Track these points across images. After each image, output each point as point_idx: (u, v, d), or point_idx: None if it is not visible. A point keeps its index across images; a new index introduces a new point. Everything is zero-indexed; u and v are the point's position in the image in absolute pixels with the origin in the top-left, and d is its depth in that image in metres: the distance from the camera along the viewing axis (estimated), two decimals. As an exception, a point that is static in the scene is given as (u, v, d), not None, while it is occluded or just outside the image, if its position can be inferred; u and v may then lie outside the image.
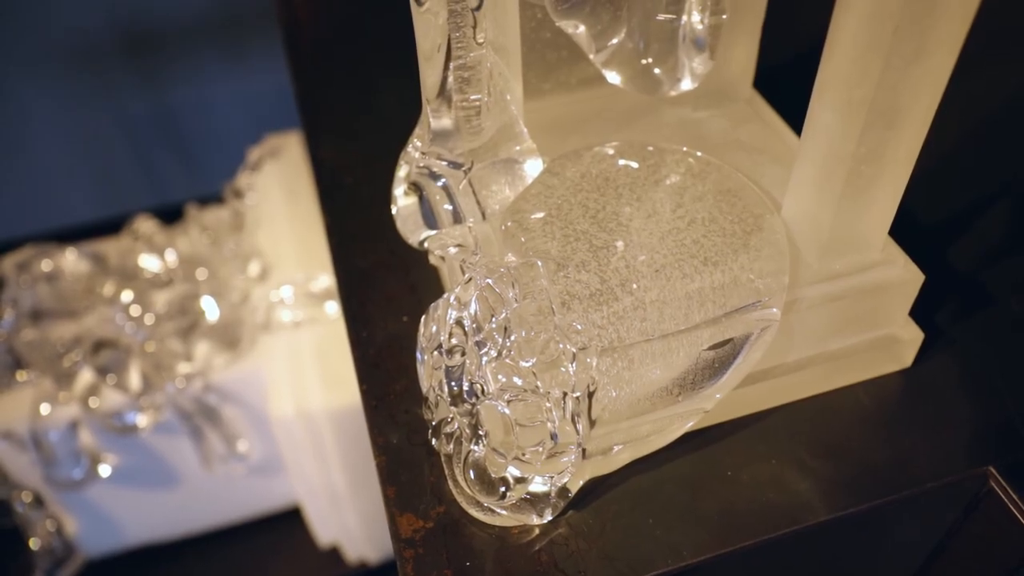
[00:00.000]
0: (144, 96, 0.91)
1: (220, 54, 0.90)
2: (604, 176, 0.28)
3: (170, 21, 0.86)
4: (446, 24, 0.25)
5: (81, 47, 0.85)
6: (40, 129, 0.90)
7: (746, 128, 0.30)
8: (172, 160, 0.98)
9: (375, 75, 0.45)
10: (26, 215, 0.97)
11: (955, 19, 0.19)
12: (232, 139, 0.98)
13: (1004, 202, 0.33)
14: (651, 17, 0.28)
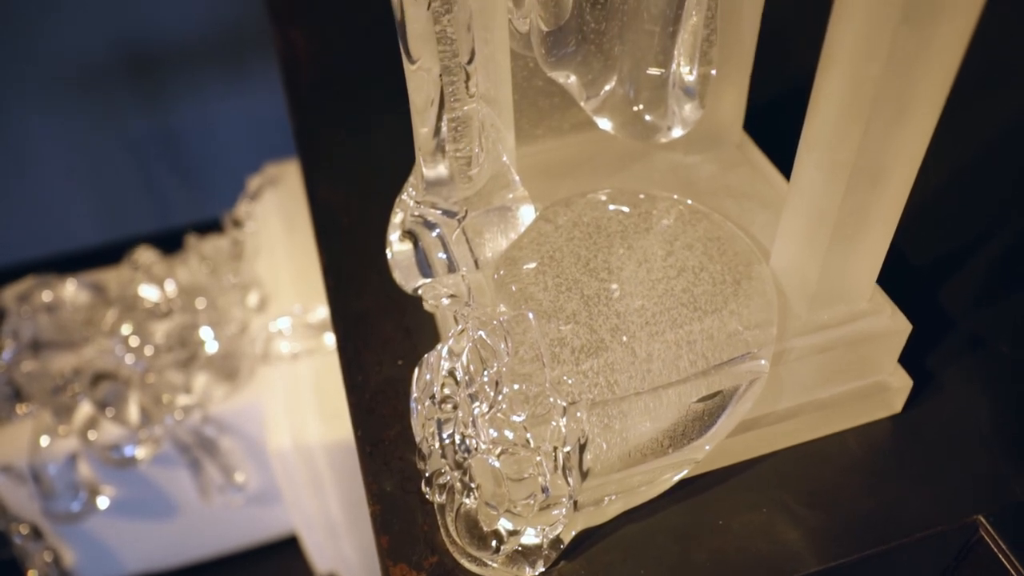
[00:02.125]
0: (146, 118, 0.92)
1: (222, 76, 0.91)
2: (596, 223, 0.29)
3: (172, 43, 0.87)
4: (439, 79, 0.25)
5: (84, 70, 0.86)
6: (42, 151, 0.91)
7: (736, 173, 0.31)
8: (174, 182, 0.99)
9: (373, 114, 0.45)
10: (28, 237, 0.97)
11: (934, 85, 0.19)
12: (234, 160, 0.99)
13: (991, 245, 0.34)
14: (641, 67, 0.28)
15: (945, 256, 0.33)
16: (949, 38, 0.18)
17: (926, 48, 0.18)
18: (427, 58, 0.24)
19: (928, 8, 0.18)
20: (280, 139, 0.91)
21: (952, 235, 0.34)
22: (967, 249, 0.33)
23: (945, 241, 0.34)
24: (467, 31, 0.24)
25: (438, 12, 0.23)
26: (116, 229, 1.01)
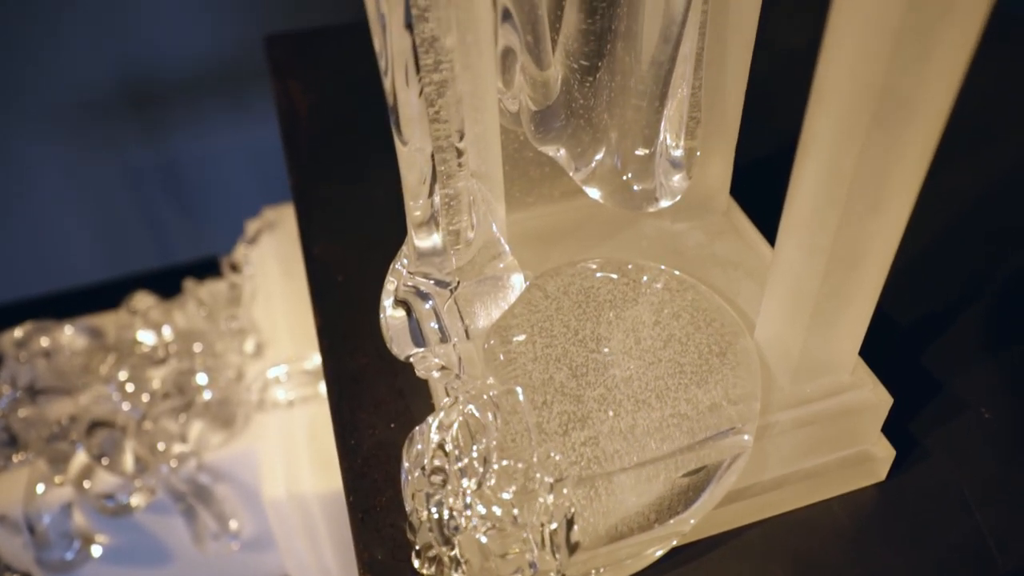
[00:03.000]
0: (147, 150, 0.93)
1: (223, 108, 0.92)
2: (586, 292, 0.29)
3: (173, 76, 0.88)
4: (431, 159, 0.26)
5: (85, 101, 0.87)
6: (43, 183, 0.91)
7: (723, 241, 0.31)
8: (174, 214, 1.00)
9: (371, 167, 0.46)
10: (27, 267, 0.98)
11: (908, 179, 0.20)
12: (235, 193, 1.00)
13: (970, 310, 0.34)
14: (629, 140, 0.29)
15: (925, 322, 0.34)
16: (920, 137, 0.19)
17: (898, 147, 0.19)
18: (419, 139, 0.25)
19: (899, 112, 0.18)
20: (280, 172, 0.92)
21: (931, 300, 0.35)
22: (946, 315, 0.34)
23: (924, 307, 0.35)
24: (458, 113, 0.25)
25: (431, 97, 0.24)
26: (115, 261, 1.01)
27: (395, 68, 0.23)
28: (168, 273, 1.05)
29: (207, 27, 0.87)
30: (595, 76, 0.27)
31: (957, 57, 0.18)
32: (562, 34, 0.27)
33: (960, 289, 0.35)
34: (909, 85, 0.18)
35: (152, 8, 0.84)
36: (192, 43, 0.87)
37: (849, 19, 0.18)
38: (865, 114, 0.18)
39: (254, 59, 0.90)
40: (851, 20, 0.18)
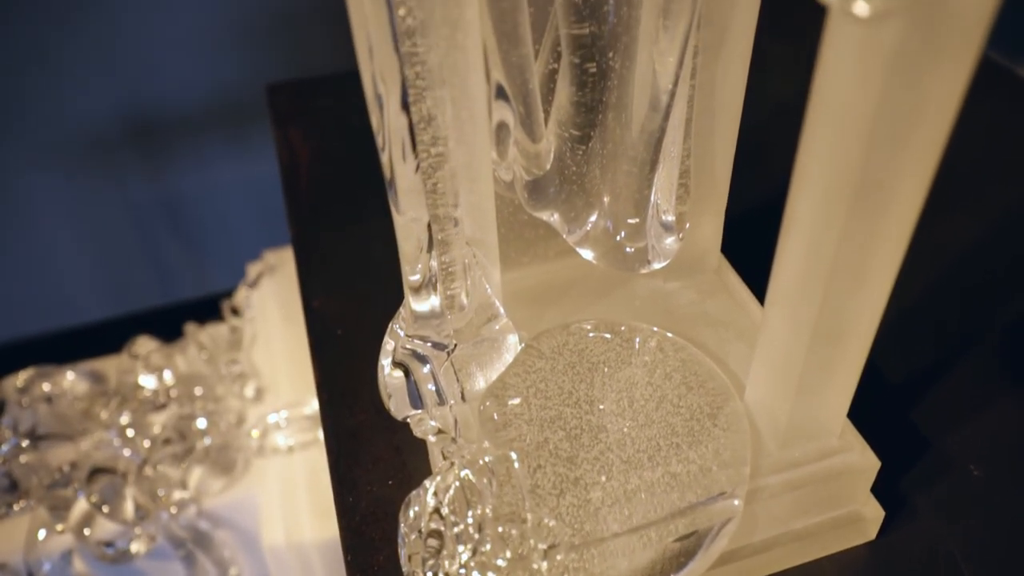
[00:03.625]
0: (149, 186, 0.94)
1: (225, 144, 0.94)
2: (580, 353, 0.30)
3: (176, 112, 0.89)
4: (427, 228, 0.26)
5: (87, 138, 0.88)
6: (45, 219, 0.92)
7: (714, 301, 0.32)
8: (177, 250, 1.01)
9: (369, 220, 0.47)
10: (29, 306, 0.98)
11: (888, 257, 0.21)
12: (237, 229, 1.01)
13: (959, 365, 0.35)
14: (621, 204, 0.30)
15: (912, 379, 0.34)
16: (898, 221, 0.20)
17: (876, 231, 0.20)
18: (416, 210, 0.26)
19: (876, 199, 0.19)
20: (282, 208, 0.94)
21: (918, 357, 0.36)
22: (933, 371, 0.35)
23: (912, 363, 0.35)
24: (454, 185, 0.25)
25: (427, 171, 0.25)
26: (117, 296, 1.02)
27: (392, 145, 0.24)
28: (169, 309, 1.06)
29: (210, 64, 0.88)
30: (587, 145, 0.28)
31: (931, 148, 0.18)
32: (554, 106, 0.28)
33: (947, 345, 0.36)
34: (885, 174, 0.19)
35: (156, 45, 0.85)
36: (195, 79, 0.88)
37: (825, 113, 0.18)
38: (843, 202, 0.19)
39: (256, 96, 0.91)
40: (827, 114, 0.18)
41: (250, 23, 0.87)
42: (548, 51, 0.27)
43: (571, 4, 0.25)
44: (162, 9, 0.83)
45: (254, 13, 0.86)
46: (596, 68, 0.26)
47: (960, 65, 0.17)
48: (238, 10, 0.86)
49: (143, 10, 0.83)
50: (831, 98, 0.18)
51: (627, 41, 0.26)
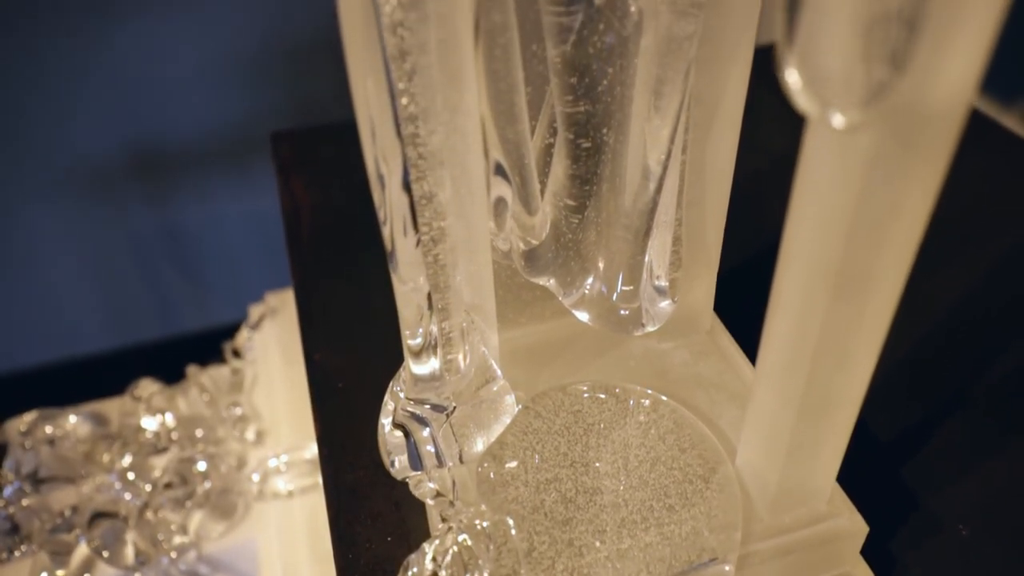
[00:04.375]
0: (153, 217, 0.95)
1: (229, 179, 0.95)
2: (576, 415, 0.31)
3: (180, 145, 0.91)
4: (427, 297, 0.27)
5: (91, 170, 0.89)
6: (48, 250, 0.93)
7: (706, 362, 0.33)
8: (180, 282, 1.02)
9: (370, 271, 0.47)
10: (32, 337, 0.99)
11: (871, 338, 0.22)
12: (239, 262, 1.02)
13: (947, 424, 0.35)
14: (615, 269, 0.30)
15: (900, 438, 0.35)
16: (880, 305, 0.21)
17: (859, 315, 0.21)
18: (416, 279, 0.27)
19: (857, 286, 0.20)
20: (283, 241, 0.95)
21: (906, 416, 0.36)
22: (921, 430, 0.35)
23: (900, 423, 0.36)
24: (453, 257, 0.26)
25: (427, 245, 0.26)
26: (119, 327, 1.03)
27: (394, 221, 0.25)
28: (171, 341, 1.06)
29: (214, 98, 0.89)
30: (583, 214, 0.29)
31: (910, 238, 0.19)
32: (551, 177, 0.29)
33: (933, 402, 0.37)
34: (865, 264, 0.19)
35: (161, 80, 0.87)
36: (199, 114, 0.90)
37: (807, 207, 0.19)
38: (825, 289, 0.20)
39: (260, 130, 0.93)
40: (809, 208, 0.19)
41: (255, 59, 0.88)
42: (545, 127, 0.28)
43: (566, 84, 0.26)
44: (168, 45, 0.85)
45: (259, 50, 0.88)
46: (591, 143, 0.27)
47: (934, 163, 0.18)
48: (243, 47, 0.87)
49: (149, 46, 0.84)
50: (812, 194, 0.19)
51: (620, 118, 0.27)
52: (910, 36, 0.15)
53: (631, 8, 0.24)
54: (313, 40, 0.89)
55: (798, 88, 0.16)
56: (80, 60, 0.82)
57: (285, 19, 0.87)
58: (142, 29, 0.82)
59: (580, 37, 0.25)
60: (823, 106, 0.16)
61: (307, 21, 0.87)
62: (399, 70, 0.22)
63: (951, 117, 0.17)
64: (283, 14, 0.86)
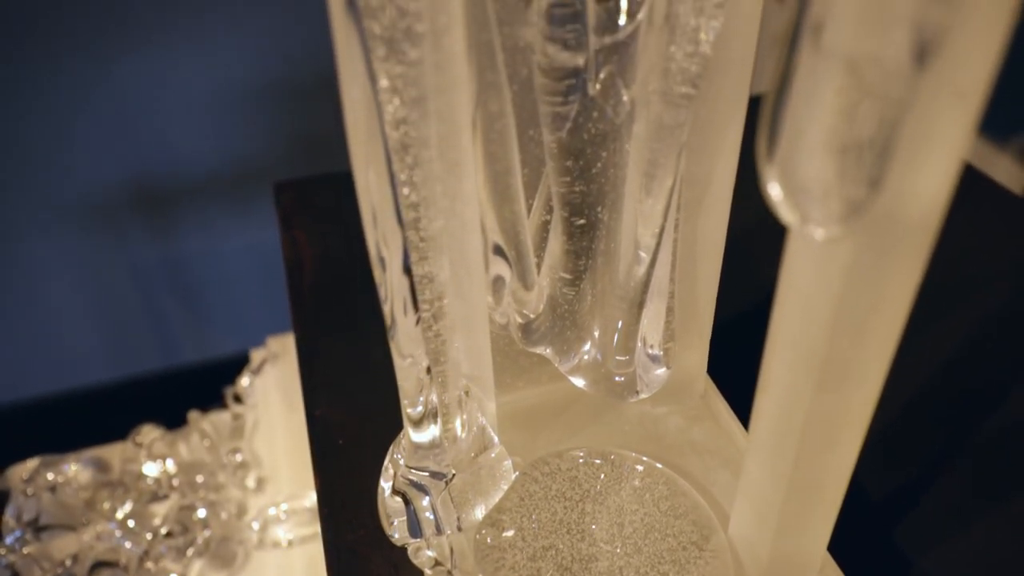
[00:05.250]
0: (155, 250, 0.96)
1: (231, 212, 0.96)
2: (572, 481, 0.31)
3: (182, 178, 0.92)
4: (427, 370, 0.28)
5: (93, 201, 0.90)
6: (50, 282, 0.94)
7: (700, 427, 0.34)
8: (180, 313, 1.02)
9: (372, 326, 0.48)
10: (33, 369, 1.00)
11: (856, 422, 0.22)
12: (240, 292, 1.02)
13: (938, 483, 0.36)
14: (610, 338, 0.31)
15: (891, 498, 0.36)
16: (864, 393, 0.21)
17: (843, 403, 0.21)
18: (416, 354, 0.27)
19: (841, 376, 0.21)
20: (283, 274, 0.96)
21: (897, 475, 0.37)
22: (912, 489, 0.36)
23: (890, 482, 0.36)
24: (452, 333, 0.27)
25: (427, 322, 0.26)
26: (120, 359, 1.03)
27: (394, 300, 0.26)
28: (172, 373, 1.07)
29: (217, 131, 0.91)
30: (579, 287, 0.30)
31: (891, 330, 0.20)
32: (547, 252, 0.30)
33: (923, 464, 0.37)
34: (848, 356, 0.20)
35: (163, 112, 0.88)
36: (201, 147, 0.91)
37: (791, 303, 0.20)
38: (810, 378, 0.21)
39: (262, 163, 0.94)
40: (793, 304, 0.20)
41: (258, 94, 0.90)
42: (542, 205, 0.29)
43: (562, 167, 0.27)
44: (171, 79, 0.86)
45: (262, 85, 0.89)
46: (585, 221, 0.28)
47: (911, 267, 0.19)
48: (247, 82, 0.88)
49: (153, 80, 0.85)
50: (794, 293, 0.20)
51: (614, 198, 0.28)
52: (882, 161, 0.16)
53: (624, 98, 0.25)
54: (316, 76, 0.91)
55: (779, 201, 0.17)
56: (84, 93, 0.84)
57: (288, 56, 0.88)
58: (146, 63, 0.84)
59: (575, 124, 0.26)
60: (803, 220, 0.17)
61: (310, 58, 0.89)
62: (401, 162, 0.22)
63: (926, 227, 0.18)
64: (286, 51, 0.88)
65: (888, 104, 0.15)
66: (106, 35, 0.81)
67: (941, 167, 0.16)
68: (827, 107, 0.16)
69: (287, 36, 0.87)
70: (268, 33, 0.86)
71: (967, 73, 0.15)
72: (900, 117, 0.15)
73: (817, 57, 0.16)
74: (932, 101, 0.15)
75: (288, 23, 0.86)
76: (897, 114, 0.15)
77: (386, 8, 0.20)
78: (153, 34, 0.83)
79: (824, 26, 0.15)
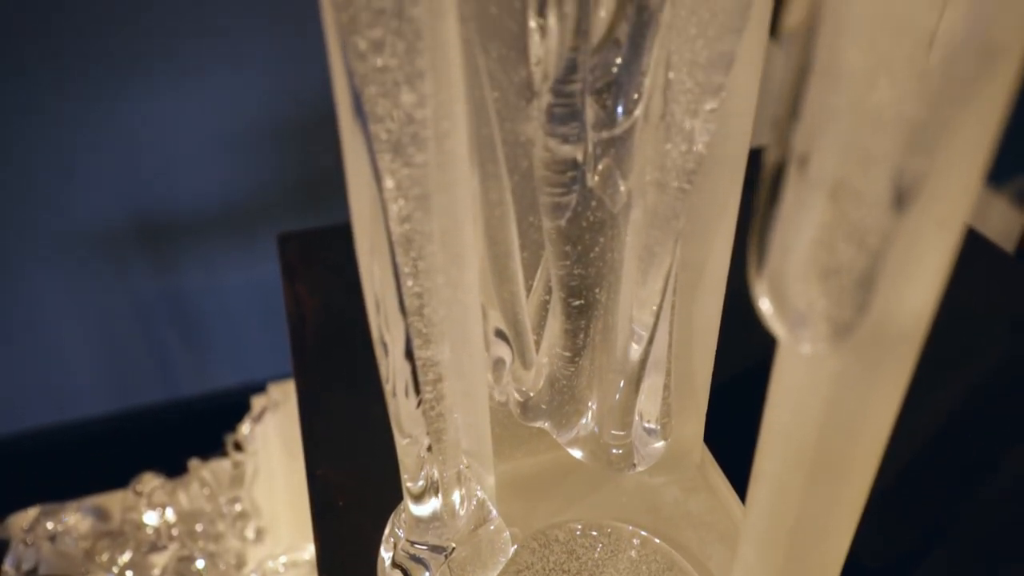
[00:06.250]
0: (157, 285, 0.96)
1: (233, 247, 0.97)
2: (570, 554, 0.32)
3: (183, 212, 0.93)
4: (427, 448, 0.28)
5: (95, 236, 0.91)
6: (52, 315, 0.95)
7: (696, 499, 0.34)
8: (181, 346, 1.03)
9: (373, 376, 0.48)
10: (34, 400, 1.00)
11: (848, 516, 0.23)
12: (242, 328, 1.03)
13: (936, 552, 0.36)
14: (607, 412, 0.32)
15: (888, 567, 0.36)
16: (854, 489, 0.22)
17: (835, 495, 0.22)
18: (418, 435, 0.28)
19: (832, 474, 0.21)
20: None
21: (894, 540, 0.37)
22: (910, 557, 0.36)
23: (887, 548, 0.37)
24: (453, 415, 0.28)
25: (429, 403, 0.27)
26: (120, 392, 1.04)
27: (396, 383, 0.26)
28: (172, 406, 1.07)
29: (220, 167, 0.92)
30: (577, 364, 0.31)
31: (879, 434, 0.21)
32: (547, 331, 0.30)
33: (920, 528, 0.38)
34: (838, 455, 0.21)
35: (167, 147, 0.89)
36: (205, 182, 0.92)
37: (782, 403, 0.21)
38: (800, 476, 0.21)
39: (265, 199, 0.95)
40: (783, 404, 0.21)
41: (262, 131, 0.91)
42: (542, 286, 0.29)
43: (561, 251, 0.28)
44: (176, 114, 0.87)
45: (266, 122, 0.90)
46: (583, 302, 0.29)
47: (898, 376, 0.19)
48: (250, 119, 0.90)
49: (156, 115, 0.86)
50: (784, 395, 0.20)
51: (612, 280, 0.28)
52: (865, 289, 0.16)
53: (621, 188, 0.26)
54: (320, 114, 0.92)
55: (769, 315, 0.18)
56: (88, 127, 0.85)
57: (293, 93, 0.89)
58: (152, 99, 0.85)
59: (575, 213, 0.26)
60: (791, 337, 0.18)
61: (315, 96, 0.90)
62: (405, 255, 0.23)
63: (912, 339, 0.18)
64: (291, 89, 0.89)
65: (869, 236, 0.16)
66: (113, 71, 0.82)
67: (926, 288, 0.17)
68: (810, 234, 0.16)
69: (293, 75, 0.89)
70: (274, 71, 0.87)
71: (948, 206, 0.16)
72: (882, 248, 0.16)
73: (801, 185, 0.16)
74: (914, 233, 0.16)
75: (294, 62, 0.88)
76: (879, 245, 0.16)
77: (392, 115, 0.21)
78: (160, 70, 0.84)
79: (809, 158, 0.16)
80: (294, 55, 0.87)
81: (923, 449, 0.41)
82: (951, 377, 0.45)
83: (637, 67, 0.24)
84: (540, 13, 0.23)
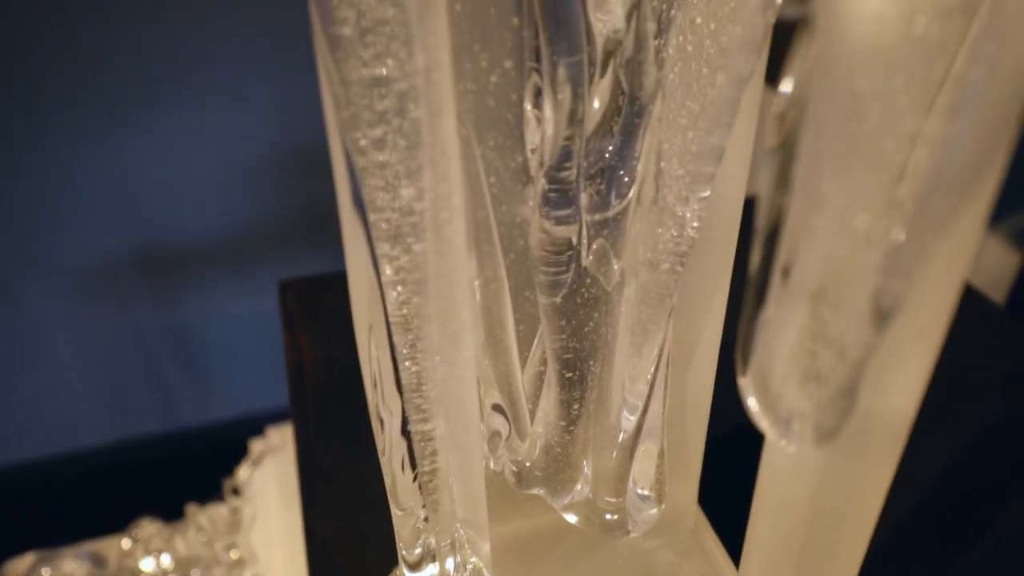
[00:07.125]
0: (157, 317, 0.97)
1: (233, 278, 0.97)
2: (563, 621, 0.32)
3: (184, 244, 0.93)
4: (424, 519, 0.29)
5: (96, 268, 0.91)
6: (52, 347, 0.95)
7: (690, 564, 0.34)
8: (181, 377, 1.03)
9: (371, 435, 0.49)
10: (33, 431, 1.00)
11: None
12: (243, 360, 1.03)
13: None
14: (601, 478, 0.32)
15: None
16: (843, 570, 0.22)
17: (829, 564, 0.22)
18: (414, 506, 0.28)
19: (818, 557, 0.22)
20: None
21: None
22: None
23: None
24: (449, 485, 0.28)
25: (425, 477, 0.27)
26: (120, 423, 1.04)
27: (393, 457, 0.27)
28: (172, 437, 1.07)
29: (221, 199, 0.92)
30: (572, 433, 0.31)
31: (866, 520, 0.21)
32: (542, 401, 0.31)
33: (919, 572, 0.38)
34: (826, 542, 0.21)
35: (168, 179, 0.90)
36: (205, 214, 0.93)
37: (770, 492, 0.21)
38: (790, 556, 0.22)
39: (266, 231, 0.95)
40: (771, 493, 0.21)
41: (262, 164, 0.91)
42: (537, 359, 0.30)
43: (556, 326, 0.28)
44: (176, 147, 0.88)
45: (266, 155, 0.91)
46: (578, 374, 0.29)
47: (883, 468, 0.20)
48: (251, 152, 0.90)
49: (157, 147, 0.87)
50: (772, 483, 0.21)
51: (606, 353, 0.29)
52: (847, 395, 0.17)
53: (614, 267, 0.27)
54: (321, 147, 0.93)
55: (756, 413, 0.18)
56: (89, 162, 0.85)
57: (292, 126, 0.90)
58: (151, 132, 0.86)
59: (570, 291, 0.27)
60: (777, 436, 0.18)
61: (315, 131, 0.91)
62: (403, 337, 0.24)
63: (896, 435, 0.19)
64: (291, 122, 0.90)
65: (850, 349, 0.16)
66: (114, 104, 0.83)
67: (908, 391, 0.18)
68: (793, 339, 0.17)
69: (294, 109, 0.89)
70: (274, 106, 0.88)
71: (928, 317, 0.16)
72: (863, 360, 0.16)
73: (784, 293, 0.17)
74: (894, 346, 0.16)
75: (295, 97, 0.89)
76: (860, 357, 0.16)
77: (392, 206, 0.21)
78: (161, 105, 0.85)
79: (791, 269, 0.17)
80: (295, 90, 0.88)
81: (915, 509, 0.42)
82: (936, 439, 0.46)
83: (630, 154, 0.25)
84: (536, 104, 0.24)
